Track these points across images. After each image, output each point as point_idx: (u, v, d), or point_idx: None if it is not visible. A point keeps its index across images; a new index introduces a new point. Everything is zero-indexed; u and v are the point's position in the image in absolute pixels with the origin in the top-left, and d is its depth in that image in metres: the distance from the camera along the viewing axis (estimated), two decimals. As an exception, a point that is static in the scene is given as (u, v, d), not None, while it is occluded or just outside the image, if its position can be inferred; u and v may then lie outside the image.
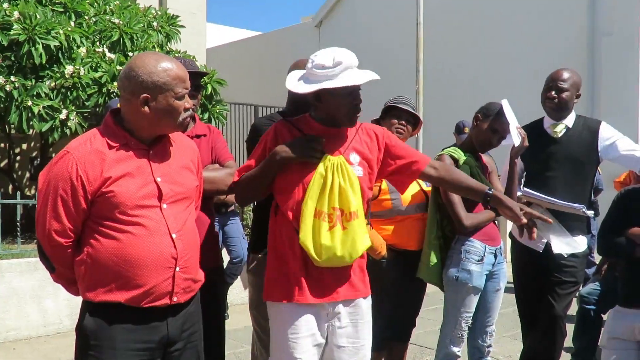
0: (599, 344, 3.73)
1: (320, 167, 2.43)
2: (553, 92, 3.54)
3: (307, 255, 2.42)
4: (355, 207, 2.43)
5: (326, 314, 2.51)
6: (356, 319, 2.56)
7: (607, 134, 3.55)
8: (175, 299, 2.14)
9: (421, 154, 2.72)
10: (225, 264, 5.21)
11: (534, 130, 3.55)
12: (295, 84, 2.51)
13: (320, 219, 2.39)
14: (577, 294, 4.36)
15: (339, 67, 2.40)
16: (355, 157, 2.53)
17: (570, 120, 3.60)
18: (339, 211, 2.41)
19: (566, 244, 3.45)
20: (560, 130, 3.58)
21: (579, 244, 3.50)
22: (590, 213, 3.47)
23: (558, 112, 3.58)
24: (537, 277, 3.55)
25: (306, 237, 2.39)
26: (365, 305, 2.60)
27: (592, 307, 4.35)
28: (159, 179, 2.13)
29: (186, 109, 2.17)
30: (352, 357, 2.55)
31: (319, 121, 2.53)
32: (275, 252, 2.54)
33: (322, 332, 2.51)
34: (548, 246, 3.48)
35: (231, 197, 5.37)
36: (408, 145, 2.80)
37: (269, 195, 2.63)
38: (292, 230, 2.45)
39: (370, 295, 2.64)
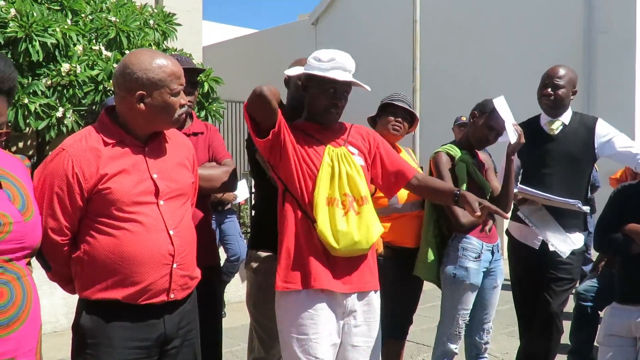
0: (595, 341, 3.73)
1: (326, 157, 2.47)
2: (549, 89, 3.54)
3: (322, 245, 2.42)
4: (364, 192, 2.48)
5: (342, 312, 2.50)
6: (369, 318, 2.57)
7: (604, 130, 3.55)
8: (172, 295, 2.14)
9: (409, 165, 2.77)
10: (222, 262, 5.20)
11: (530, 127, 3.54)
12: (292, 69, 2.61)
13: (334, 206, 2.42)
14: (573, 291, 4.36)
15: (331, 62, 2.47)
16: (352, 149, 2.58)
17: (566, 117, 3.60)
18: (351, 197, 2.46)
19: (562, 242, 3.45)
20: (556, 127, 3.58)
21: (574, 241, 3.50)
22: (586, 209, 3.47)
23: (554, 109, 3.57)
24: (533, 273, 3.56)
25: (323, 224, 2.40)
26: (376, 302, 2.60)
27: (589, 304, 4.35)
28: (155, 176, 2.13)
29: (182, 106, 2.16)
30: (365, 357, 2.55)
31: (306, 119, 2.59)
32: (286, 243, 2.50)
33: (338, 331, 2.51)
34: (544, 243, 3.49)
35: (228, 196, 5.37)
36: (398, 155, 2.82)
37: (268, 193, 2.63)
38: (305, 220, 2.46)
39: (379, 291, 2.64)
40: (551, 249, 3.45)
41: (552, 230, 3.44)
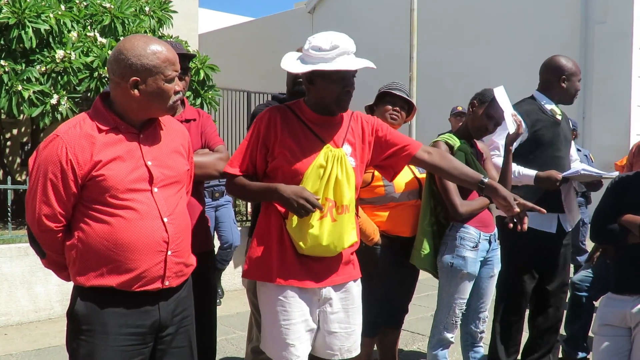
0: (590, 330, 3.74)
1: (321, 157, 2.42)
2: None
3: (291, 241, 2.43)
4: (347, 201, 2.43)
5: (317, 299, 2.51)
6: (347, 305, 2.57)
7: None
8: (167, 283, 2.13)
9: (413, 139, 2.70)
10: (216, 250, 5.19)
11: (535, 109, 3.64)
12: (291, 63, 2.48)
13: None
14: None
15: (335, 50, 2.38)
16: (347, 148, 2.52)
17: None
18: (332, 202, 2.41)
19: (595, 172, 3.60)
20: (559, 113, 3.71)
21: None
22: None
23: None
24: (537, 256, 3.63)
25: (293, 223, 2.39)
26: (356, 290, 2.61)
27: (584, 293, 4.36)
28: (149, 163, 2.11)
29: (176, 92, 2.14)
30: (343, 343, 2.56)
31: (311, 107, 2.52)
32: (259, 232, 2.53)
33: (314, 317, 2.52)
34: (560, 224, 3.64)
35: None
36: (400, 132, 2.78)
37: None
38: (280, 214, 2.45)
39: (360, 279, 2.65)
40: (606, 176, 3.58)
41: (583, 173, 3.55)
